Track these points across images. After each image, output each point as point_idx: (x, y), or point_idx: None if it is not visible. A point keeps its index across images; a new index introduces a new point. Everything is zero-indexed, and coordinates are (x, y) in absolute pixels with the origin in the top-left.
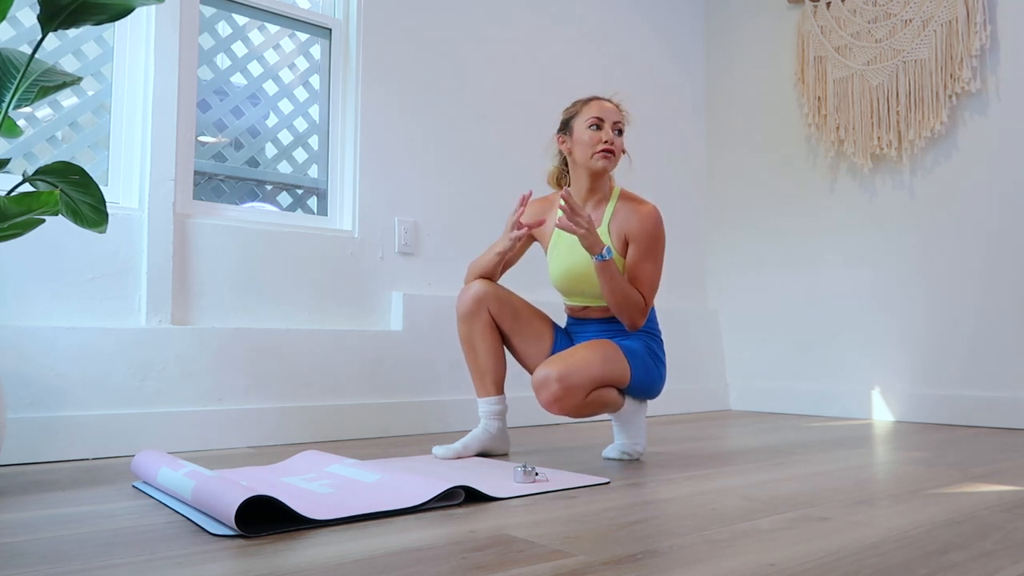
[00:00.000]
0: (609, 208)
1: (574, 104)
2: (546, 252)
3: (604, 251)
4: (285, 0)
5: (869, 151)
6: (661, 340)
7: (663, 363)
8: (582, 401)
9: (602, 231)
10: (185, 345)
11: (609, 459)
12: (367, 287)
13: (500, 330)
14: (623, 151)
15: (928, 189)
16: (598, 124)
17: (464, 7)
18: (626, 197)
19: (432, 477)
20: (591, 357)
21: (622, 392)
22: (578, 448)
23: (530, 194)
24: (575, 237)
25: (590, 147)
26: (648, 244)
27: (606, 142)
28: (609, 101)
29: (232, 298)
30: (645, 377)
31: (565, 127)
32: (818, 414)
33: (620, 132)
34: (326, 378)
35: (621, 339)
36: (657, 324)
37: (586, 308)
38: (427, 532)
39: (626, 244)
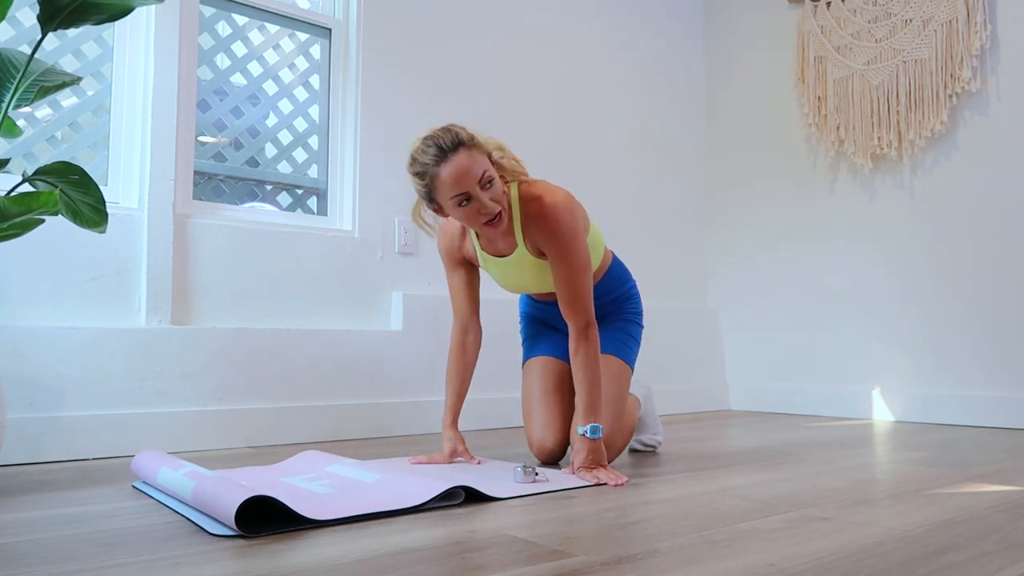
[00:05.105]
0: (516, 222)
1: (420, 170)
2: (478, 266)
3: (590, 432)
4: (285, 0)
5: (869, 151)
6: (642, 318)
7: (638, 343)
8: (623, 443)
9: (520, 251)
10: (185, 345)
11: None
12: (367, 287)
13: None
14: (505, 191)
15: (928, 189)
16: (466, 198)
17: (464, 7)
18: (525, 199)
19: (432, 477)
20: (611, 413)
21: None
22: None
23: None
24: (500, 260)
25: (475, 223)
26: (560, 246)
27: (484, 214)
28: (459, 151)
29: (232, 298)
30: (635, 357)
31: (430, 199)
32: (818, 414)
33: (491, 181)
34: (326, 378)
35: (605, 329)
36: (639, 301)
37: (547, 295)
38: (427, 532)
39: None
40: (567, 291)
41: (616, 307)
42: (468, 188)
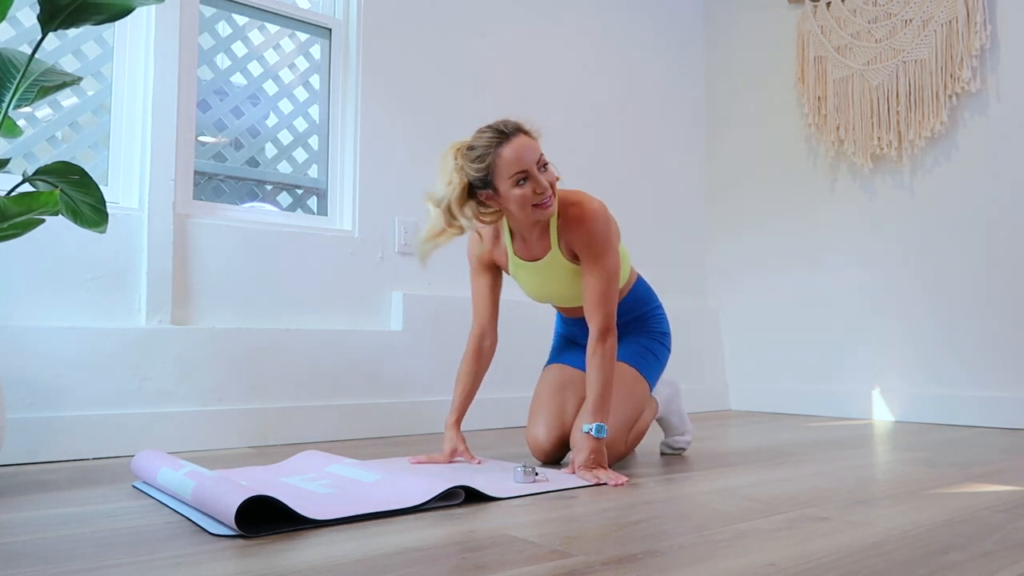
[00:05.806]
0: (553, 224)
1: (482, 153)
2: (506, 272)
3: (595, 431)
4: (285, 0)
5: (869, 151)
6: (668, 339)
7: (660, 361)
8: (625, 449)
9: (554, 254)
10: (185, 345)
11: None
12: (367, 287)
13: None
14: (557, 179)
15: (928, 189)
16: (524, 177)
17: (464, 8)
18: (563, 203)
19: (432, 477)
20: (618, 416)
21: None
22: None
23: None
24: (532, 264)
25: (528, 205)
26: (594, 249)
27: (539, 193)
28: (518, 134)
29: (232, 298)
30: (656, 377)
31: (485, 184)
32: (818, 414)
33: (546, 165)
34: (326, 378)
35: (625, 343)
36: (664, 321)
37: (574, 309)
38: (427, 532)
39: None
40: (594, 294)
41: (639, 325)
42: (528, 167)
